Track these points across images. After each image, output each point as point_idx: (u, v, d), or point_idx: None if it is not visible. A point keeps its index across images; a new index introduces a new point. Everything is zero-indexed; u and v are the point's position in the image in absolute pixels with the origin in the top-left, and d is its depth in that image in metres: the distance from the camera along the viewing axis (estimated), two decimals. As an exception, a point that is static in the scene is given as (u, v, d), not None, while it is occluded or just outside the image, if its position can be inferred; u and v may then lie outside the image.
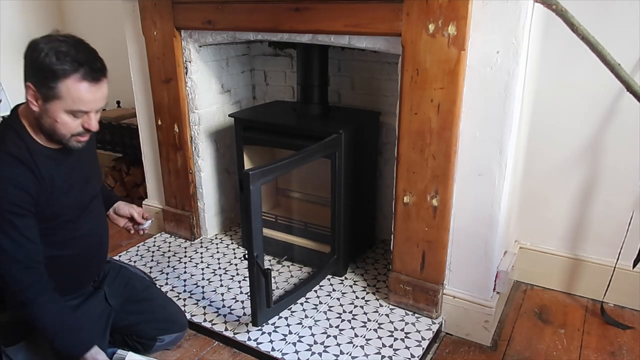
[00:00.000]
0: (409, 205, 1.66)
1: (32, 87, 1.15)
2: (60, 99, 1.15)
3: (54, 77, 1.13)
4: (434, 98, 1.50)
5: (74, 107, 1.17)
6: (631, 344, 1.71)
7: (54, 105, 1.16)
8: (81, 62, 1.15)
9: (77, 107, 1.17)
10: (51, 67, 1.12)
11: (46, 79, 1.13)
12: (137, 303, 1.59)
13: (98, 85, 1.19)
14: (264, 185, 2.31)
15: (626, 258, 1.77)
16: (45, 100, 1.16)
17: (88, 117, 1.21)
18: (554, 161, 1.88)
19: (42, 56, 1.12)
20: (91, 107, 1.20)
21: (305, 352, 1.61)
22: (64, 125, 1.19)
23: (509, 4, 1.37)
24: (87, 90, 1.16)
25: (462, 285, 1.70)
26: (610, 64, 1.39)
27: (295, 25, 1.69)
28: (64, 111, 1.17)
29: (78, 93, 1.15)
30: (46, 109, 1.17)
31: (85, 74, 1.15)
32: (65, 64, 1.13)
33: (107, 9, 2.92)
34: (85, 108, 1.19)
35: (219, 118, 2.29)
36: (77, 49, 1.16)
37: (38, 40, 1.15)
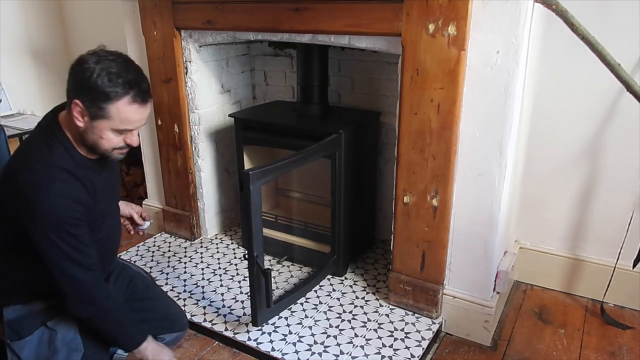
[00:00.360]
0: (409, 205, 1.66)
1: (80, 104, 1.16)
2: (109, 119, 1.17)
3: (105, 99, 1.15)
4: (434, 98, 1.50)
5: (121, 127, 1.19)
6: (631, 344, 1.71)
7: (101, 123, 1.18)
8: (131, 84, 1.16)
9: (124, 126, 1.20)
10: (103, 88, 1.13)
11: (97, 99, 1.14)
12: (138, 301, 1.59)
13: (146, 106, 1.22)
14: (264, 185, 2.31)
15: (626, 258, 1.77)
16: (92, 118, 1.17)
17: (131, 133, 1.24)
18: (554, 161, 1.88)
19: (94, 76, 1.13)
20: (136, 126, 1.23)
21: (305, 352, 1.61)
22: (108, 141, 1.21)
23: (509, 4, 1.37)
24: (135, 112, 1.19)
25: (462, 285, 1.70)
26: (610, 64, 1.39)
27: (295, 25, 1.69)
28: (110, 129, 1.19)
29: (127, 114, 1.18)
30: (93, 126, 1.18)
31: (134, 95, 1.17)
32: (117, 87, 1.14)
33: (107, 9, 2.92)
34: (131, 127, 1.22)
35: (219, 118, 2.29)
36: (127, 69, 1.17)
37: (87, 58, 1.16)
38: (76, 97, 1.16)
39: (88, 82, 1.14)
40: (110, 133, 1.20)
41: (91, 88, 1.14)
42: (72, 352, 1.34)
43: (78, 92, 1.16)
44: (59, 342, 1.33)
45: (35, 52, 3.07)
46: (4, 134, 1.81)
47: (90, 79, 1.13)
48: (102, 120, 1.17)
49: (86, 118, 1.17)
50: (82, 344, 1.36)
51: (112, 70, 1.15)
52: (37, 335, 1.32)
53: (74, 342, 1.35)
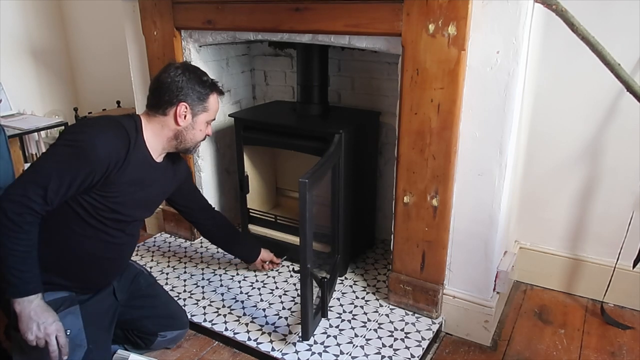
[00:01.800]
0: (409, 205, 1.66)
1: (186, 106, 1.41)
2: (208, 111, 1.47)
3: (206, 96, 1.45)
4: (434, 98, 1.50)
5: (212, 116, 1.50)
6: (631, 344, 1.71)
7: (201, 117, 1.46)
8: (214, 82, 1.48)
9: (214, 115, 1.50)
10: (202, 88, 1.43)
11: (200, 98, 1.44)
12: (140, 298, 1.61)
13: (222, 97, 1.55)
14: (264, 185, 2.32)
15: (626, 258, 1.77)
16: (195, 115, 1.44)
17: (210, 125, 1.53)
18: (554, 161, 1.88)
19: (191, 82, 1.42)
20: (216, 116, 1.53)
21: (305, 352, 1.61)
22: (202, 134, 1.49)
23: (509, 4, 1.37)
24: (219, 103, 1.52)
25: (462, 285, 1.70)
26: (610, 64, 1.39)
27: (295, 25, 1.69)
28: (205, 122, 1.48)
29: (217, 105, 1.50)
30: (194, 121, 1.45)
31: (218, 90, 1.50)
32: (210, 86, 1.46)
33: (107, 9, 2.92)
34: (215, 116, 1.52)
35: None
36: (202, 72, 1.47)
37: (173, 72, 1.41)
38: (181, 100, 1.40)
39: (189, 86, 1.41)
40: (204, 125, 1.48)
41: (194, 90, 1.42)
42: (76, 347, 1.36)
43: (181, 97, 1.41)
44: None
45: (35, 52, 3.07)
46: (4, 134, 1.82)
47: (189, 83, 1.41)
48: (203, 114, 1.46)
49: (189, 117, 1.43)
50: (86, 340, 1.38)
51: (198, 73, 1.45)
52: None
53: (77, 338, 1.37)
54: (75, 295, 1.42)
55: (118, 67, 2.52)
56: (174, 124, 1.42)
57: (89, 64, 3.21)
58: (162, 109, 1.41)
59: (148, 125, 1.42)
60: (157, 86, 1.42)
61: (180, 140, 1.46)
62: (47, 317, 1.26)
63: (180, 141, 1.46)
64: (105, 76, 3.13)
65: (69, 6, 3.11)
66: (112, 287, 1.54)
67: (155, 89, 1.43)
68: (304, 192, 1.43)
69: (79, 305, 1.40)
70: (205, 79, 1.45)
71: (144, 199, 1.45)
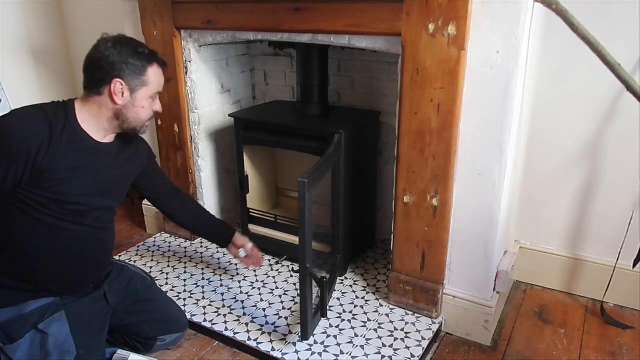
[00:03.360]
0: (409, 205, 1.66)
1: (121, 82, 1.30)
2: (148, 85, 1.35)
3: (142, 69, 1.32)
4: (434, 98, 1.50)
5: (155, 90, 1.38)
6: (631, 344, 1.71)
7: (141, 93, 1.34)
8: (152, 52, 1.36)
9: (157, 89, 1.38)
10: (137, 61, 1.31)
11: (136, 72, 1.31)
12: (137, 303, 1.59)
13: (165, 68, 1.43)
14: (264, 185, 2.32)
15: (626, 258, 1.77)
16: (133, 91, 1.32)
17: (157, 100, 1.41)
18: (554, 161, 1.88)
19: (123, 55, 1.29)
20: (162, 88, 1.42)
21: (305, 352, 1.61)
22: (146, 111, 1.38)
23: (509, 4, 1.37)
24: (162, 74, 1.40)
25: (462, 285, 1.70)
26: (610, 64, 1.39)
27: (295, 25, 1.69)
28: (148, 97, 1.36)
29: (159, 77, 1.38)
30: (134, 98, 1.33)
31: (159, 60, 1.38)
32: (147, 57, 1.34)
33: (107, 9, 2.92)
34: (161, 89, 1.41)
35: (219, 118, 2.29)
36: (139, 42, 1.36)
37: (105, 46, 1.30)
38: (115, 77, 1.29)
39: (121, 60, 1.29)
40: (148, 101, 1.37)
41: (127, 64, 1.30)
42: (64, 354, 1.34)
43: (114, 73, 1.29)
44: (50, 345, 1.33)
45: (35, 52, 3.07)
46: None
47: (121, 58, 1.29)
48: (143, 88, 1.34)
49: (127, 94, 1.32)
50: (75, 346, 1.36)
51: (134, 44, 1.33)
52: (29, 338, 1.32)
53: (65, 345, 1.35)
54: (60, 300, 1.39)
55: (118, 67, 2.53)
56: (111, 103, 1.31)
57: (89, 64, 3.20)
58: (97, 89, 1.31)
59: (84, 107, 1.32)
60: (87, 64, 1.31)
61: (123, 119, 1.35)
62: None
63: (123, 120, 1.35)
64: (105, 76, 3.12)
65: (69, 6, 3.11)
66: (102, 290, 1.51)
67: (86, 68, 1.32)
68: (304, 192, 1.43)
69: (64, 311, 1.38)
70: (140, 50, 1.33)
71: (93, 184, 1.36)
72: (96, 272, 1.51)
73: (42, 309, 1.35)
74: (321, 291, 1.61)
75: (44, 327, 1.33)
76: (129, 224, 2.63)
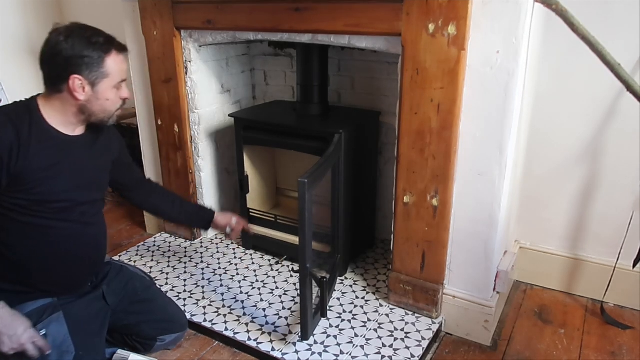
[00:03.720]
0: (409, 205, 1.66)
1: (79, 77, 1.24)
2: (108, 76, 1.27)
3: (100, 60, 1.24)
4: (434, 98, 1.50)
5: (118, 78, 1.30)
6: (631, 344, 1.71)
7: (103, 85, 1.27)
8: (109, 39, 1.28)
9: (120, 77, 1.31)
10: (93, 53, 1.23)
11: (93, 65, 1.24)
12: (137, 303, 1.59)
13: (127, 55, 1.34)
14: (264, 185, 2.32)
15: (626, 258, 1.77)
16: (94, 85, 1.26)
17: (122, 87, 1.34)
18: (554, 161, 1.88)
19: (77, 49, 1.22)
20: (126, 75, 1.34)
21: (305, 352, 1.61)
22: (113, 102, 1.32)
23: (509, 4, 1.37)
24: (123, 61, 1.31)
25: (462, 285, 1.70)
26: (610, 64, 1.39)
27: (295, 25, 1.69)
28: (111, 87, 1.29)
29: (120, 65, 1.30)
30: (96, 92, 1.27)
31: (117, 46, 1.29)
32: (103, 45, 1.25)
33: (107, 9, 2.92)
34: (125, 76, 1.33)
35: (219, 118, 2.29)
36: (94, 30, 1.27)
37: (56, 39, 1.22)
38: (72, 73, 1.23)
39: (75, 55, 1.22)
40: (112, 92, 1.30)
41: (83, 57, 1.22)
42: (63, 354, 1.34)
43: (71, 68, 1.23)
44: None
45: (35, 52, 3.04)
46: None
47: (75, 52, 1.22)
48: (104, 80, 1.27)
49: (87, 88, 1.26)
50: (73, 346, 1.36)
51: (87, 35, 1.24)
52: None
53: (64, 345, 1.35)
54: (57, 301, 1.40)
55: (118, 67, 2.53)
56: (73, 99, 1.26)
57: (89, 64, 3.20)
58: (56, 86, 1.26)
59: (48, 103, 1.28)
60: (42, 61, 1.26)
61: (89, 113, 1.30)
62: (16, 328, 1.23)
63: (89, 114, 1.31)
64: (105, 76, 3.12)
65: (69, 6, 3.11)
66: (101, 291, 1.51)
67: (41, 65, 1.26)
68: (304, 192, 1.43)
69: (62, 312, 1.38)
70: (95, 40, 1.24)
71: (73, 179, 1.34)
72: (91, 268, 1.50)
73: (40, 310, 1.35)
74: (321, 291, 1.61)
75: (42, 327, 1.33)
76: (129, 224, 2.63)
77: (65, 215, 1.34)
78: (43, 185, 1.27)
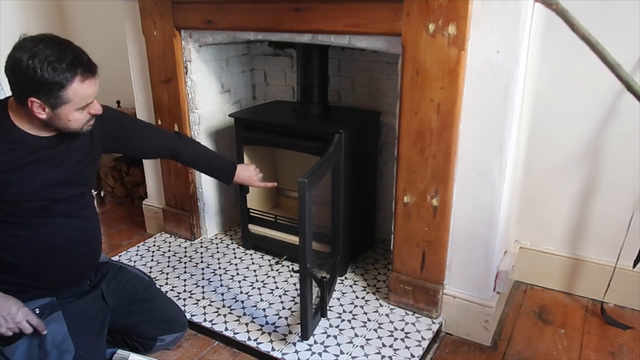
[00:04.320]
0: (409, 205, 1.66)
1: (37, 101, 1.20)
2: (69, 102, 1.22)
3: (59, 88, 1.19)
4: (434, 98, 1.50)
5: (82, 104, 1.25)
6: (631, 344, 1.71)
7: (64, 109, 1.23)
8: (75, 63, 1.20)
9: (84, 102, 1.25)
10: (53, 79, 1.17)
11: (52, 91, 1.18)
12: (136, 303, 1.59)
13: (96, 78, 1.27)
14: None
15: (626, 258, 1.77)
16: (54, 108, 1.22)
17: (93, 104, 1.30)
18: (554, 161, 1.88)
19: (38, 72, 1.15)
20: (94, 96, 1.29)
21: (305, 352, 1.61)
22: (77, 121, 1.27)
23: (509, 4, 1.37)
24: (89, 87, 1.24)
25: (462, 285, 1.70)
26: (610, 64, 1.39)
27: (296, 25, 1.69)
28: (74, 110, 1.25)
29: (84, 92, 1.23)
30: (57, 114, 1.23)
31: (83, 73, 1.21)
32: (64, 72, 1.18)
33: (107, 9, 2.92)
34: (91, 100, 1.28)
35: (219, 118, 2.29)
36: (62, 51, 1.19)
37: (20, 57, 1.16)
38: (30, 95, 1.19)
39: (35, 79, 1.16)
40: (76, 113, 1.25)
41: (41, 83, 1.16)
42: (63, 353, 1.34)
43: (29, 91, 1.18)
44: (48, 345, 1.33)
45: (35, 52, 3.06)
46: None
47: (35, 75, 1.15)
48: (64, 105, 1.22)
49: (47, 109, 1.22)
50: (73, 345, 1.36)
51: (51, 58, 1.16)
52: (27, 339, 1.32)
53: (64, 344, 1.35)
54: (56, 301, 1.40)
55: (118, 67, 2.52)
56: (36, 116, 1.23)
57: (89, 64, 3.20)
58: (18, 100, 1.23)
59: (17, 108, 1.26)
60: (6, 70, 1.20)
61: (55, 127, 1.27)
62: (10, 308, 1.26)
63: (56, 128, 1.28)
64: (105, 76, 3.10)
65: (69, 6, 3.11)
66: (100, 291, 1.51)
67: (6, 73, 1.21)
68: (303, 192, 1.43)
69: (61, 312, 1.38)
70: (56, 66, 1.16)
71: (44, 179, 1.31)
72: (86, 262, 1.48)
73: (39, 309, 1.35)
74: (321, 291, 1.61)
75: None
76: (129, 224, 2.63)
77: (45, 212, 1.33)
78: (13, 187, 1.26)
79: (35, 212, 1.32)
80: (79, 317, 1.41)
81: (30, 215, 1.31)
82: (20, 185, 1.27)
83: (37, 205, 1.31)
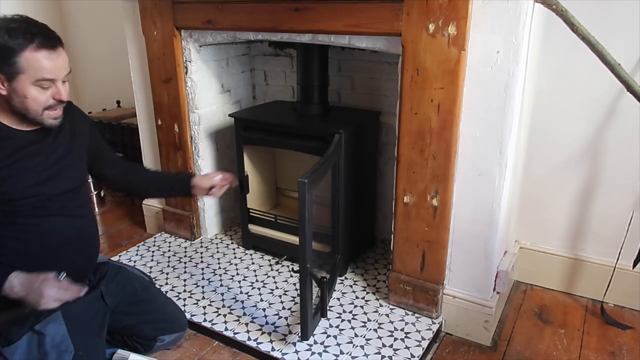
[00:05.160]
0: (409, 205, 1.66)
1: None
2: (23, 72, 1.18)
3: (12, 53, 1.16)
4: (434, 98, 1.50)
5: (37, 76, 1.20)
6: (631, 344, 1.71)
7: (19, 81, 1.19)
8: (34, 32, 1.18)
9: (40, 75, 1.20)
10: (6, 44, 1.16)
11: (5, 57, 1.16)
12: (136, 304, 1.59)
13: (56, 52, 1.22)
14: (264, 185, 2.32)
15: (626, 258, 1.77)
16: (10, 80, 1.19)
17: (56, 87, 1.24)
18: (554, 161, 1.88)
19: None
20: (55, 74, 1.23)
21: (305, 352, 1.61)
22: (35, 100, 1.22)
23: (509, 4, 1.37)
24: (46, 58, 1.20)
25: (462, 285, 1.70)
26: (610, 64, 1.39)
27: (296, 25, 1.69)
28: (30, 84, 1.20)
29: (38, 62, 1.18)
30: (14, 88, 1.20)
31: (40, 42, 1.18)
32: (19, 38, 1.16)
33: (107, 9, 2.92)
34: (49, 76, 1.22)
35: (219, 118, 2.29)
36: (28, 23, 1.19)
37: None
38: None
39: None
40: (33, 89, 1.21)
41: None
42: (62, 353, 1.34)
43: None
44: (48, 346, 1.33)
45: (35, 52, 3.06)
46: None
47: None
48: (19, 76, 1.18)
49: (5, 83, 1.20)
50: (72, 345, 1.36)
51: (12, 26, 1.17)
52: (26, 339, 1.32)
53: (63, 344, 1.35)
54: None
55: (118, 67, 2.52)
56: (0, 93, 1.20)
57: (89, 63, 3.21)
58: None
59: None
60: None
61: (15, 110, 1.24)
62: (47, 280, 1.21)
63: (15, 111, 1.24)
64: (105, 76, 3.13)
65: (69, 6, 3.12)
66: (99, 291, 1.51)
67: None
68: (303, 192, 1.43)
69: (60, 312, 1.37)
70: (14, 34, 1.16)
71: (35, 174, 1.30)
72: (85, 262, 1.48)
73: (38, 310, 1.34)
74: (321, 291, 1.61)
75: (40, 327, 1.33)
76: (129, 224, 2.63)
77: (40, 211, 1.32)
78: (4, 185, 1.25)
79: (30, 212, 1.31)
80: (78, 317, 1.41)
81: (25, 215, 1.30)
82: (11, 183, 1.26)
83: (31, 202, 1.30)
